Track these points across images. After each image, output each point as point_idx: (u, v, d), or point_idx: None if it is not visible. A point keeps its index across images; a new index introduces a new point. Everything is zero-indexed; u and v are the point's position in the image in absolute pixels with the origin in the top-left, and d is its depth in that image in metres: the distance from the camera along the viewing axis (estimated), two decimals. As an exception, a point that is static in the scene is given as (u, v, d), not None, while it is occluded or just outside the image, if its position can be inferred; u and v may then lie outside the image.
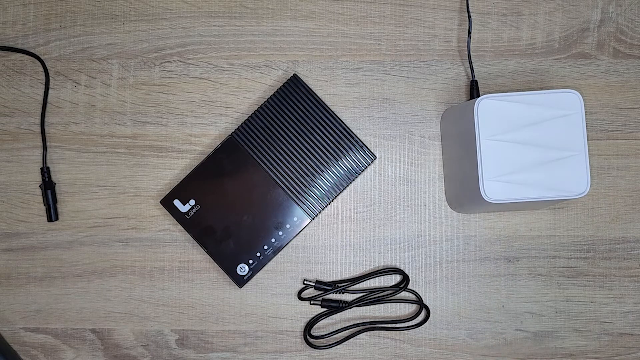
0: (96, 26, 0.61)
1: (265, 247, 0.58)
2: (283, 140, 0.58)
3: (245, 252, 0.58)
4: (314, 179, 0.58)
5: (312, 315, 0.59)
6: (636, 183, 0.60)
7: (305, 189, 0.58)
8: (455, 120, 0.57)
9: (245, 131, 0.58)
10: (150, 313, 0.59)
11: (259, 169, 0.58)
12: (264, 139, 0.58)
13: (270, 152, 0.58)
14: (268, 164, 0.58)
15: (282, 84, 0.59)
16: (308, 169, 0.58)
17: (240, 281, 0.58)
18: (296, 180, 0.58)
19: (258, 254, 0.58)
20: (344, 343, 0.59)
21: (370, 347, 0.59)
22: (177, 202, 0.58)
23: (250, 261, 0.58)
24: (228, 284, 0.59)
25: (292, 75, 0.59)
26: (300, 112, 0.58)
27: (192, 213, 0.57)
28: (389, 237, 0.60)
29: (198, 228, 0.58)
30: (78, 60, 0.61)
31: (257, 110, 0.59)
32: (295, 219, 0.58)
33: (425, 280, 0.60)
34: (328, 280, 0.59)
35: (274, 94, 0.58)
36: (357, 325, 0.59)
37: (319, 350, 0.59)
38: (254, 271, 0.58)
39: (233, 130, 0.58)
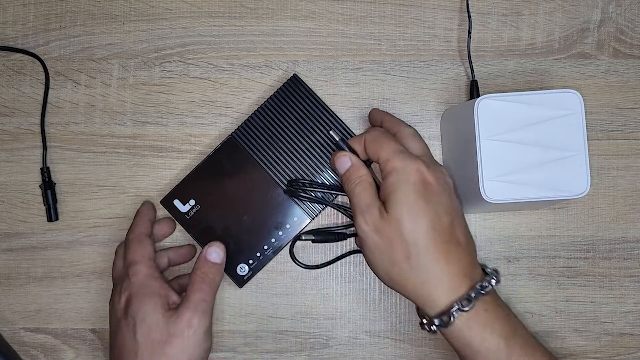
0: (96, 26, 0.61)
1: (265, 247, 0.57)
2: (283, 140, 0.58)
3: (245, 252, 0.57)
4: (313, 179, 0.58)
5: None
6: (636, 183, 0.60)
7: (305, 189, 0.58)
8: (455, 121, 0.57)
9: (245, 131, 0.58)
10: (150, 313, 0.59)
11: (259, 169, 0.58)
12: (264, 139, 0.58)
13: (270, 152, 0.58)
14: (268, 163, 0.58)
15: (282, 84, 0.59)
16: (308, 169, 0.58)
17: (240, 281, 0.58)
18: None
19: (258, 254, 0.58)
20: (336, 263, 0.59)
21: (370, 347, 0.60)
22: (177, 202, 0.57)
23: (250, 261, 0.58)
24: (228, 284, 0.59)
25: (292, 75, 0.59)
26: (300, 112, 0.58)
27: (192, 213, 0.57)
28: (389, 237, 0.60)
29: (198, 228, 0.57)
30: (78, 60, 0.61)
31: (257, 110, 0.58)
32: (295, 219, 0.58)
33: (425, 280, 0.59)
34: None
35: (273, 94, 0.58)
36: (350, 252, 0.59)
37: (308, 270, 0.59)
38: (254, 271, 0.58)
39: (233, 130, 0.58)
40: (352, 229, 0.59)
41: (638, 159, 0.60)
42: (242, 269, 0.57)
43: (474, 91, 0.58)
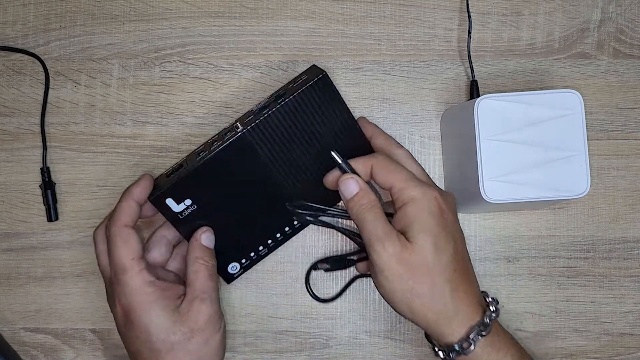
0: (96, 26, 0.61)
1: (261, 248, 0.57)
2: (300, 144, 0.53)
3: (240, 251, 0.56)
4: (321, 185, 0.54)
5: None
6: (636, 183, 0.60)
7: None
8: (455, 121, 0.57)
9: (260, 130, 0.51)
10: (150, 313, 0.59)
11: (269, 172, 0.53)
12: (279, 141, 0.52)
13: (284, 156, 0.53)
14: (280, 168, 0.53)
15: (309, 84, 0.51)
16: (319, 176, 0.53)
17: (230, 279, 0.57)
18: (304, 186, 0.54)
19: (252, 254, 0.57)
20: (345, 292, 0.60)
21: (370, 347, 0.59)
22: (170, 201, 0.52)
23: (243, 260, 0.57)
24: (228, 284, 0.59)
25: (321, 75, 0.51)
26: (323, 117, 0.52)
27: (186, 213, 0.52)
28: (389, 237, 0.60)
29: (190, 227, 0.53)
30: (78, 60, 0.61)
31: (277, 109, 0.51)
32: (295, 222, 0.57)
33: (425, 280, 0.59)
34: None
35: (298, 94, 0.51)
36: (356, 277, 0.60)
37: (323, 303, 0.59)
38: (244, 269, 0.57)
39: (245, 129, 0.51)
40: (362, 254, 0.58)
41: (638, 159, 0.60)
42: (234, 267, 0.57)
43: (474, 91, 0.58)
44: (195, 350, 0.49)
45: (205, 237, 0.52)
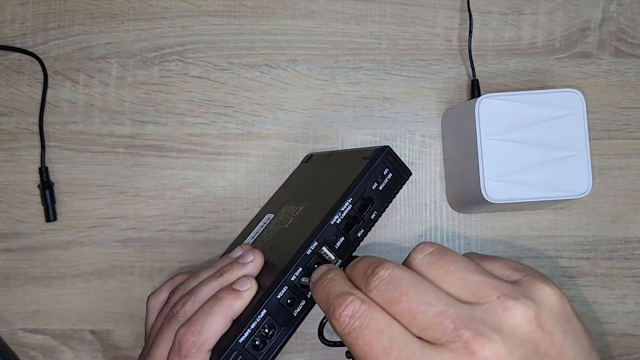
0: (95, 25, 0.61)
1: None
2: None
3: None
4: None
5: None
6: (638, 183, 0.60)
7: None
8: (456, 120, 0.57)
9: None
10: (150, 314, 0.59)
11: None
12: None
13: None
14: None
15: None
16: None
17: None
18: None
19: None
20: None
21: (371, 347, 0.59)
22: None
23: None
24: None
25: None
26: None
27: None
28: (390, 238, 0.59)
29: None
30: (77, 59, 0.61)
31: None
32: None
33: (425, 280, 0.59)
34: None
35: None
36: None
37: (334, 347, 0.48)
38: None
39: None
40: None
41: (639, 158, 0.60)
42: None
43: (475, 90, 0.58)
44: None
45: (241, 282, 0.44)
